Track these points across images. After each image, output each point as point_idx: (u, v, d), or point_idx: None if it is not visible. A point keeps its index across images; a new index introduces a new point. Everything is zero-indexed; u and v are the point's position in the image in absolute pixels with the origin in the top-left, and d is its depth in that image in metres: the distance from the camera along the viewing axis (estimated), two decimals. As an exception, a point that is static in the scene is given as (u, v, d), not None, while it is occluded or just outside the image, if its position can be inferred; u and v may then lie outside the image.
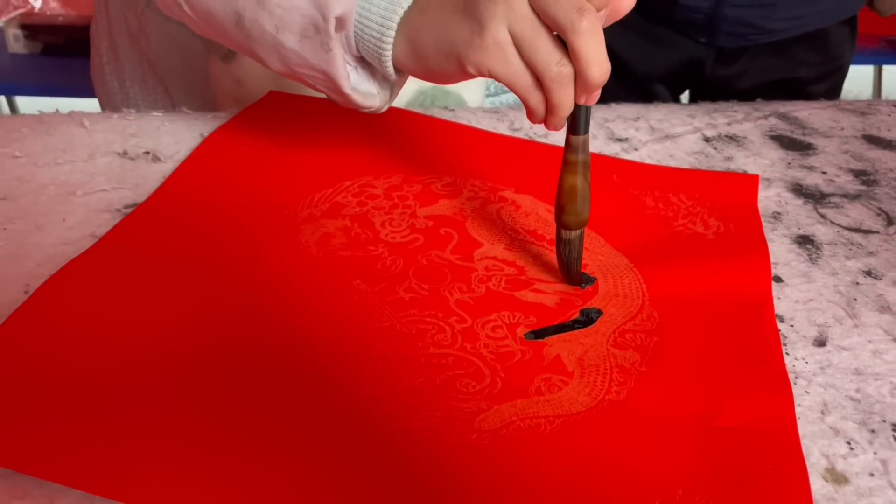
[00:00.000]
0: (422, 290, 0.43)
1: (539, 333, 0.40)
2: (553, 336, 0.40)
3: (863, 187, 0.57)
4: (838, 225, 0.52)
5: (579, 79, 0.37)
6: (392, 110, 0.60)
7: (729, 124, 0.64)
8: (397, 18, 0.40)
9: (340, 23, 0.41)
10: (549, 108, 0.38)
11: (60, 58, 1.69)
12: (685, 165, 0.58)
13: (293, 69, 0.44)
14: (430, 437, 0.33)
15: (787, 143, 0.62)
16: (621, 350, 0.40)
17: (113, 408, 0.33)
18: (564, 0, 0.35)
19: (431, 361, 0.38)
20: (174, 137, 0.55)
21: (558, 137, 0.60)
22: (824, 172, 0.59)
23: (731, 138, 0.62)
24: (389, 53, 0.41)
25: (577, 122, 0.39)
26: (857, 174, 0.59)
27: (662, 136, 0.61)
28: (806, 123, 0.66)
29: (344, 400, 0.35)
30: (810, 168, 0.59)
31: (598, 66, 0.36)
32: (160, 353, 0.37)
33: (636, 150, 0.59)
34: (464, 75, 0.39)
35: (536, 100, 0.38)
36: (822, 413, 0.37)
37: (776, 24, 0.87)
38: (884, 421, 0.36)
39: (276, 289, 0.42)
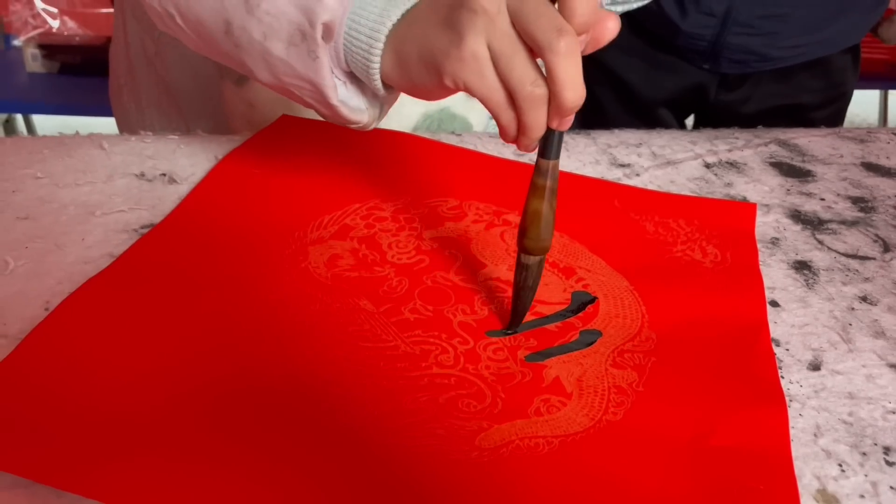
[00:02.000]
0: (426, 312, 0.44)
1: (539, 355, 0.41)
2: (553, 358, 0.41)
3: (860, 214, 0.58)
4: (835, 251, 0.53)
5: (553, 101, 0.36)
6: (400, 135, 0.62)
7: (730, 151, 0.65)
8: (386, 31, 0.40)
9: (328, 31, 0.41)
10: (521, 128, 0.37)
11: (77, 77, 1.73)
12: (686, 191, 0.59)
13: (281, 79, 0.44)
14: (431, 453, 0.35)
15: (787, 170, 0.64)
16: (620, 370, 0.41)
17: (129, 422, 0.35)
18: (545, 20, 0.35)
19: (434, 381, 0.39)
20: (190, 160, 0.57)
21: (564, 162, 0.62)
22: (823, 199, 0.60)
23: (732, 165, 0.64)
24: (377, 66, 0.41)
25: (548, 146, 0.38)
26: (855, 201, 0.60)
27: (664, 162, 0.63)
28: (805, 150, 0.67)
29: (349, 416, 0.36)
30: (809, 195, 0.60)
31: (573, 90, 0.35)
32: (175, 369, 0.38)
33: (638, 175, 0.61)
34: (443, 89, 0.39)
35: (508, 118, 0.37)
36: (815, 435, 0.38)
37: (779, 52, 0.88)
38: (875, 444, 0.37)
39: (286, 307, 0.43)
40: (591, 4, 0.35)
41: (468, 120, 0.67)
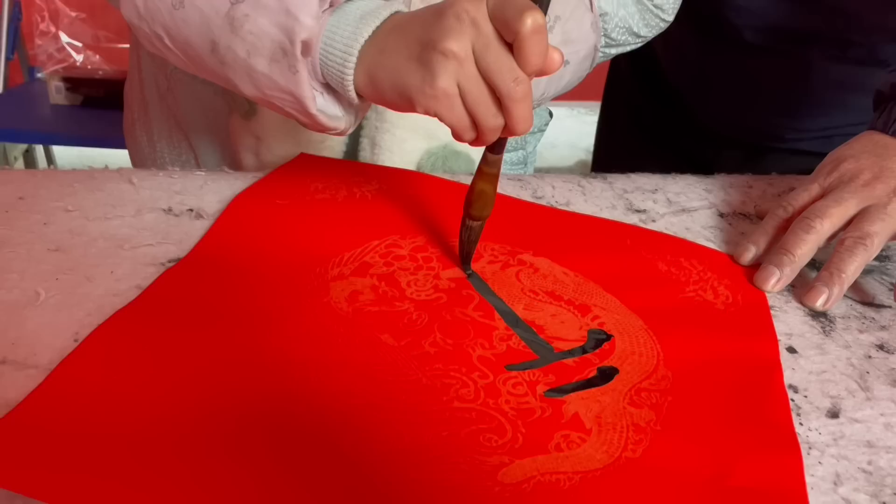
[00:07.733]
0: (446, 345, 0.45)
1: (559, 391, 0.42)
2: (572, 394, 0.42)
3: (875, 262, 0.58)
4: (851, 299, 0.54)
5: (507, 129, 0.44)
6: (416, 175, 0.63)
7: (743, 202, 0.66)
8: (358, 46, 0.45)
9: (306, 47, 0.45)
10: (478, 140, 0.45)
11: (99, 110, 1.76)
12: (701, 239, 0.60)
13: (264, 92, 0.48)
14: (454, 488, 0.35)
15: (801, 218, 0.64)
16: (637, 408, 0.41)
17: (158, 453, 0.35)
18: (505, 69, 0.41)
19: (455, 415, 0.39)
20: (216, 196, 0.58)
21: (581, 206, 0.63)
22: (837, 247, 0.60)
23: (745, 216, 0.64)
24: (351, 80, 0.46)
25: (498, 145, 0.47)
26: (870, 250, 0.60)
27: (679, 210, 0.64)
28: (819, 199, 0.68)
29: (371, 450, 0.37)
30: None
31: (524, 123, 0.43)
32: (200, 400, 0.39)
33: (654, 221, 0.62)
34: (415, 112, 0.44)
35: (470, 136, 0.44)
36: (835, 484, 0.38)
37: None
38: (895, 494, 0.37)
39: (308, 341, 0.44)
40: (541, 54, 0.40)
41: (471, 156, 0.68)
